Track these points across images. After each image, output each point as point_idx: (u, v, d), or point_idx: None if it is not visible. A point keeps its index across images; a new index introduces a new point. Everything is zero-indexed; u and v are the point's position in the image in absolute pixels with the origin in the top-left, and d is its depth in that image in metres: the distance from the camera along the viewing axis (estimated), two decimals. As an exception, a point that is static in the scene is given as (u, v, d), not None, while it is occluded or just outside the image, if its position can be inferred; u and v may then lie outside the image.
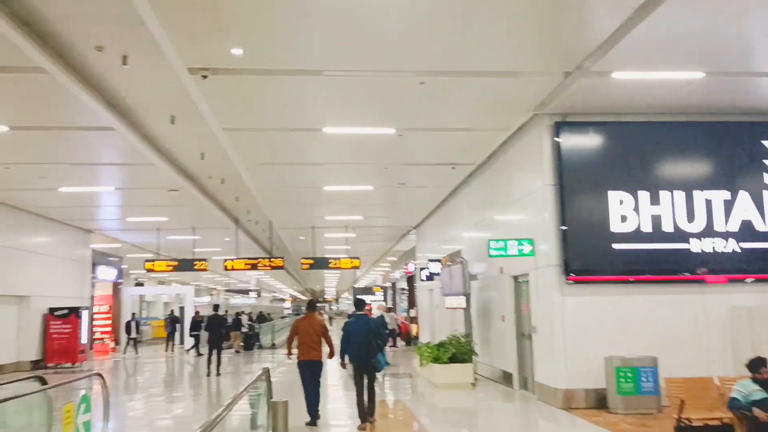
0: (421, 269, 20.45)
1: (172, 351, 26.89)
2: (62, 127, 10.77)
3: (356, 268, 22.36)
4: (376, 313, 25.91)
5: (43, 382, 7.34)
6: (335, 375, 14.99)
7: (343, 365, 9.16)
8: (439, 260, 16.83)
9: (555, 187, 10.15)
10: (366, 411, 8.75)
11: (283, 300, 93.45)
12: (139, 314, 34.15)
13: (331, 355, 9.35)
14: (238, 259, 21.75)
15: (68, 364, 19.10)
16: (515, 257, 10.81)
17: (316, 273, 54.76)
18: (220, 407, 4.35)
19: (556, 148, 10.15)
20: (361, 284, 67.74)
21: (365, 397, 8.75)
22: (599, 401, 9.70)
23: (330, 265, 22.17)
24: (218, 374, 15.90)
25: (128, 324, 22.95)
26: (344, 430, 9.04)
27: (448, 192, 16.77)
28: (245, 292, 74.58)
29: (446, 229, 17.76)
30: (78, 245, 21.93)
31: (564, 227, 9.97)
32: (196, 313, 24.71)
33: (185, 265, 22.06)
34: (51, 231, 20.03)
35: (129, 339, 22.83)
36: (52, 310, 19.03)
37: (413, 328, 25.91)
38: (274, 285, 72.02)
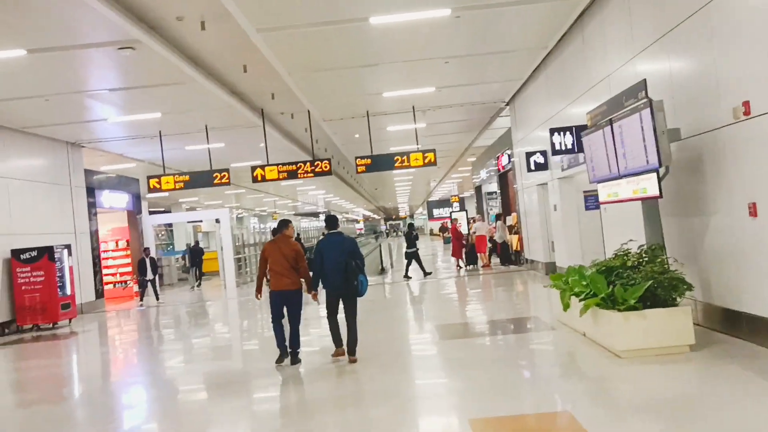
0: (528, 155, 13.81)
1: (198, 287, 22.64)
2: None
3: (431, 164, 15.91)
4: (481, 230, 19.67)
5: None
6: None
7: (315, 296, 7.69)
8: (570, 128, 10.12)
9: None
10: (345, 343, 7.56)
11: (356, 221, 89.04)
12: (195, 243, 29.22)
13: (308, 288, 7.75)
14: (269, 165, 15.73)
15: (47, 325, 13.91)
16: None
17: (385, 187, 48.95)
18: None
19: None
20: (435, 197, 61.71)
21: (345, 331, 7.58)
22: None
23: (396, 164, 15.83)
24: None
25: (141, 263, 17.60)
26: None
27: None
28: (314, 215, 70.30)
29: (576, 77, 10.96)
30: (60, 163, 16.40)
31: None
32: (196, 243, 22.13)
33: (201, 179, 16.26)
34: (15, 145, 14.46)
35: (144, 281, 17.52)
36: (16, 252, 13.72)
37: (512, 240, 19.53)
38: (344, 205, 67.19)
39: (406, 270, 18.26)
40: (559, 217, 13.25)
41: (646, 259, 7.04)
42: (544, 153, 13.45)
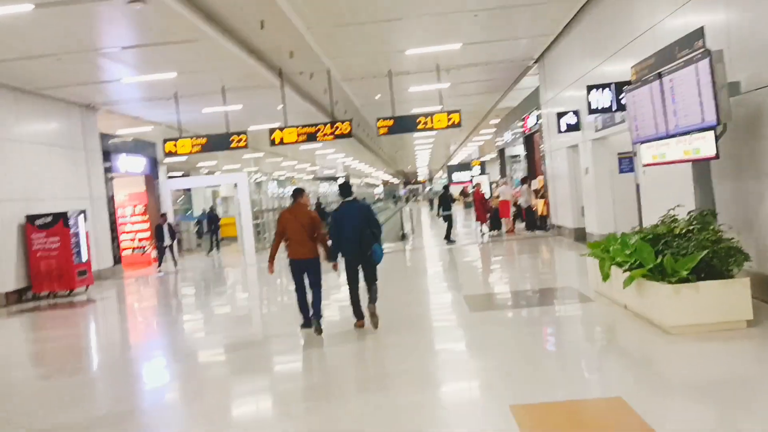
0: (560, 115, 13.11)
1: (216, 252, 22.54)
2: None
3: (456, 125, 15.29)
4: (506, 194, 19.10)
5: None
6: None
7: (335, 266, 7.52)
8: (608, 85, 9.40)
9: None
10: (364, 309, 7.38)
11: (375, 186, 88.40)
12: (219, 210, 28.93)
13: (327, 256, 7.51)
14: (288, 127, 15.20)
15: (64, 292, 13.67)
16: None
17: (405, 150, 48.24)
18: None
19: None
20: (455, 161, 60.80)
21: (366, 295, 7.36)
22: None
23: (418, 126, 15.21)
24: None
25: (158, 228, 17.25)
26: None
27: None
28: (333, 179, 69.90)
29: (615, 29, 10.21)
30: (74, 127, 16.00)
31: None
32: (211, 208, 22.67)
33: (218, 142, 15.81)
34: (28, 108, 14.07)
35: (162, 248, 17.18)
36: (30, 218, 13.42)
37: (538, 204, 18.91)
38: (363, 169, 66.57)
39: (448, 233, 17.86)
40: (591, 181, 12.62)
41: (698, 226, 6.46)
42: (576, 113, 12.75)
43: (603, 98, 9.37)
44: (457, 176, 63.88)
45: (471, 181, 38.75)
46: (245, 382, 6.12)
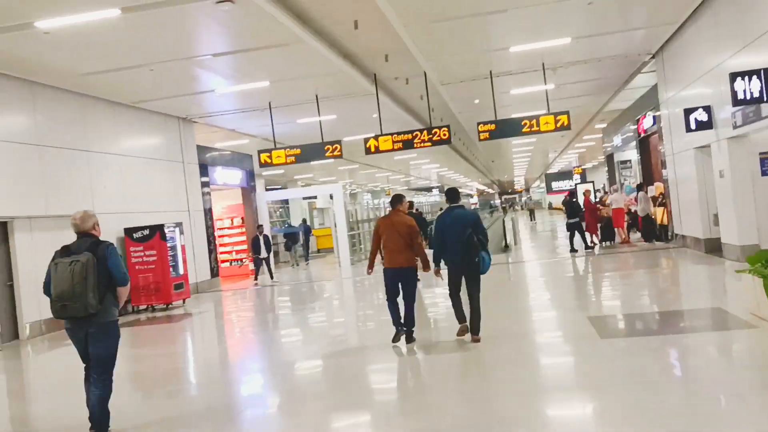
0: (688, 112, 11.62)
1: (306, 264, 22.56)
2: None
3: (565, 128, 14.06)
4: (618, 202, 17.69)
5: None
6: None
7: (437, 273, 7.28)
8: (756, 72, 7.98)
9: None
10: (468, 322, 7.11)
11: (470, 196, 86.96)
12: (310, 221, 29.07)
13: (424, 266, 7.33)
14: (383, 135, 14.51)
15: (162, 305, 13.52)
16: None
17: (502, 159, 46.70)
18: None
19: None
20: (554, 169, 58.56)
21: (468, 309, 7.10)
22: None
23: (523, 129, 14.09)
24: None
25: (254, 240, 16.99)
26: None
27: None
28: (428, 189, 69.19)
29: (759, 11, 8.78)
30: (172, 140, 16.03)
31: None
32: (303, 220, 23.15)
33: (312, 152, 15.35)
34: (127, 122, 14.17)
35: (259, 260, 16.90)
36: (128, 231, 13.38)
37: (656, 212, 17.22)
38: (458, 179, 65.44)
39: (571, 243, 16.87)
40: (728, 185, 11.05)
41: None
42: (708, 108, 11.26)
43: (752, 87, 7.97)
44: (556, 185, 61.70)
45: (573, 189, 36.75)
46: (342, 396, 5.88)
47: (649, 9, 11.29)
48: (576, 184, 37.35)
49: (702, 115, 11.27)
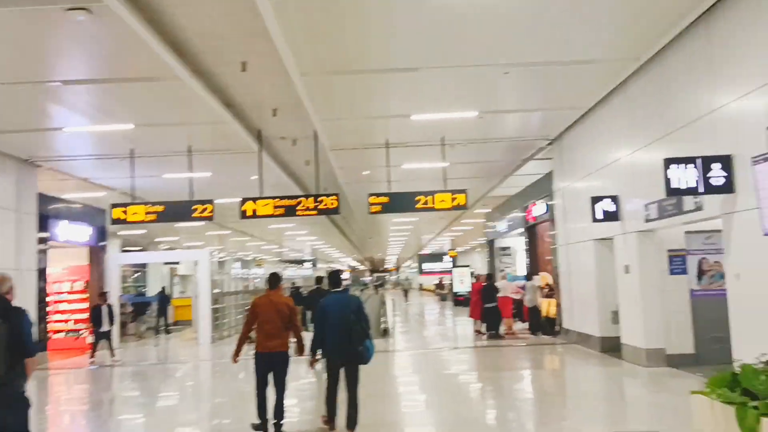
0: (595, 200, 10.94)
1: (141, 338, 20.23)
2: None
3: (461, 208, 13.11)
4: (506, 290, 16.99)
5: None
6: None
7: (313, 363, 6.99)
8: (692, 159, 7.25)
9: None
10: (346, 419, 6.62)
11: (341, 271, 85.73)
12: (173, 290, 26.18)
13: (299, 349, 7.04)
14: (262, 198, 12.80)
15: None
16: None
17: (380, 236, 46.00)
18: None
19: None
20: (427, 250, 58.84)
21: (345, 403, 6.67)
22: None
23: (417, 205, 12.96)
24: None
25: (95, 311, 14.22)
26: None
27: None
28: (299, 262, 67.03)
29: (684, 98, 8.25)
30: (6, 184, 13.33)
31: None
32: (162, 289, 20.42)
33: (178, 211, 13.21)
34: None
35: (99, 333, 14.14)
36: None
37: (543, 304, 16.56)
38: (331, 254, 64.11)
39: (492, 326, 16.22)
40: (634, 282, 10.32)
41: None
42: (615, 199, 10.66)
43: (687, 176, 7.22)
44: (427, 266, 61.84)
45: (450, 272, 36.51)
46: None
47: (567, 87, 10.61)
48: (452, 268, 37.10)
49: (610, 206, 10.65)
